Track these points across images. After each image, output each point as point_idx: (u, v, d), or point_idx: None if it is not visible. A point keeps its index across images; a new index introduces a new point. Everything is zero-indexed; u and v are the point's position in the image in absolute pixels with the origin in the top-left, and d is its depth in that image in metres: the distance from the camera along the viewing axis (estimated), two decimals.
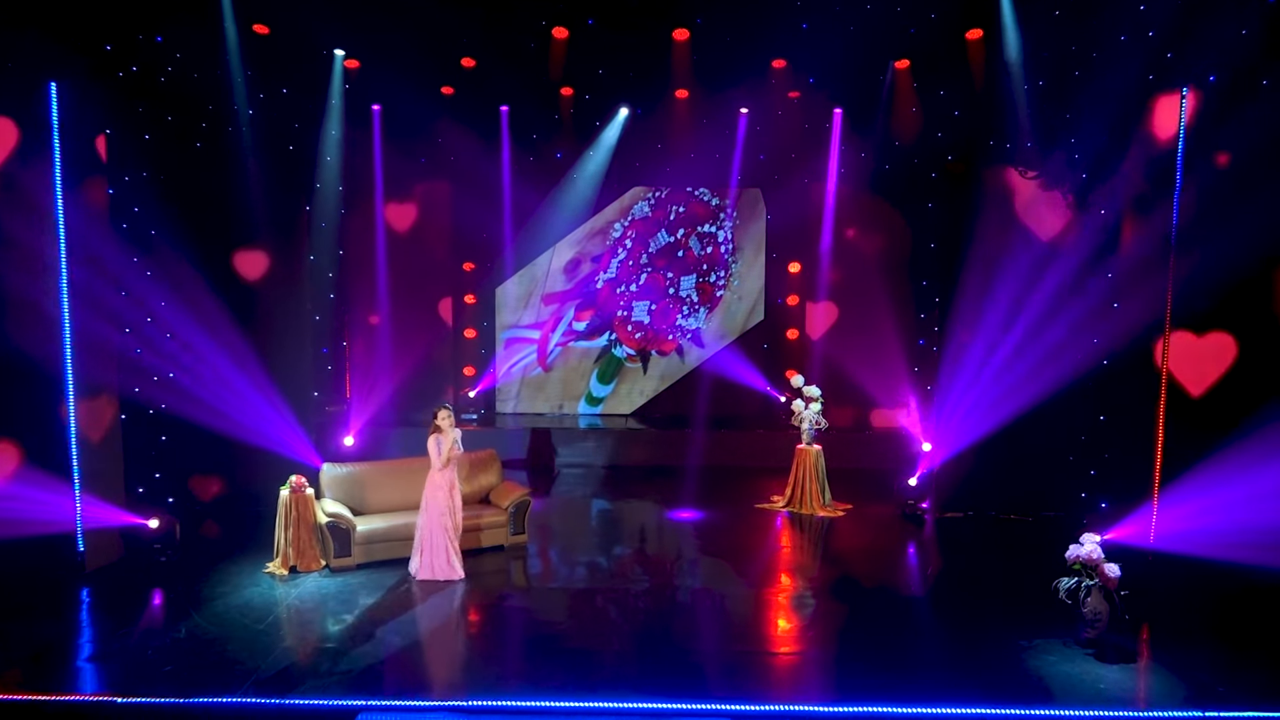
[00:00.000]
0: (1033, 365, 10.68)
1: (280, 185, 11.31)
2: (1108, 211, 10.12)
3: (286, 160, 11.47)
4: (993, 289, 10.54)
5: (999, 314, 10.58)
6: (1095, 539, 7.59)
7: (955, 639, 7.81)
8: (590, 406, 15.24)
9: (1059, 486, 10.85)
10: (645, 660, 7.29)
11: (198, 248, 10.19)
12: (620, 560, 9.83)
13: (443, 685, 6.98)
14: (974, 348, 10.75)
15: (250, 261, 11.22)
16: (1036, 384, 10.65)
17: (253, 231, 11.03)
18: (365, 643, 7.58)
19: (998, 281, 10.48)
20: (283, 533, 9.15)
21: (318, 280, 11.99)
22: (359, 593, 8.70)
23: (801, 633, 8.05)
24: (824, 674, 7.33)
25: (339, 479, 9.81)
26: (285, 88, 11.29)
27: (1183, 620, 8.13)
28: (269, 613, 8.17)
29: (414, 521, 9.58)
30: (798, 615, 8.40)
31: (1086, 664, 7.26)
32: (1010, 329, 10.55)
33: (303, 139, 11.79)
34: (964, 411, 11.10)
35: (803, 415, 11.77)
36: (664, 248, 15.08)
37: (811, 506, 11.57)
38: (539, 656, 7.41)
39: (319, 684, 6.75)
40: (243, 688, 6.65)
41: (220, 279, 10.58)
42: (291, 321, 11.65)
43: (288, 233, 11.68)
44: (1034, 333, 10.61)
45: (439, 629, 8.07)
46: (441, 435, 8.91)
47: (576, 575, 9.53)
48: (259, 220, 10.98)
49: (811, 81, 13.44)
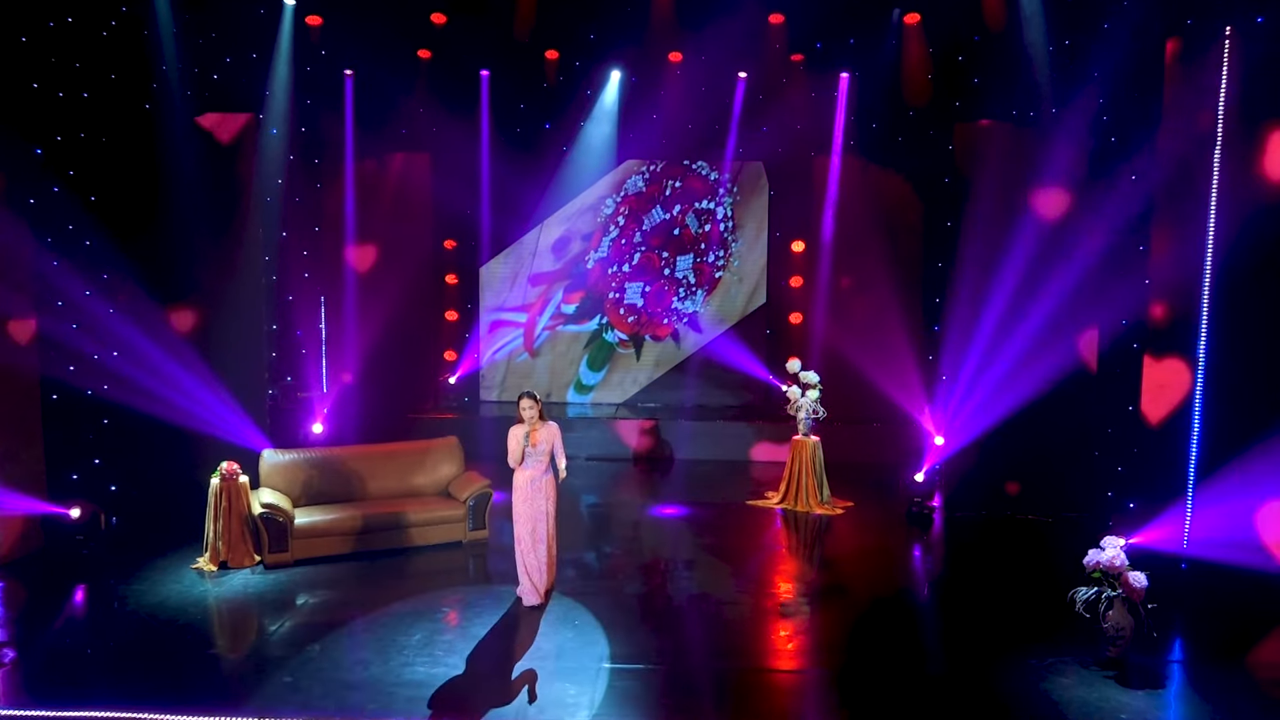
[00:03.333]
0: (1053, 351, 9.64)
1: (215, 154, 10.50)
2: (1139, 177, 9.05)
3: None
4: (1009, 262, 9.51)
5: (1015, 291, 9.55)
6: (1118, 543, 6.54)
7: (958, 656, 6.80)
8: (580, 395, 14.31)
9: (1082, 484, 9.81)
10: (596, 680, 6.35)
11: (119, 228, 9.48)
12: (582, 563, 8.86)
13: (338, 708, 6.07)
14: (987, 328, 9.71)
15: (183, 239, 10.43)
16: (1057, 370, 9.62)
17: (186, 208, 10.21)
18: (280, 656, 6.71)
19: (1013, 254, 9.44)
20: (212, 525, 8.31)
21: (255, 259, 11.04)
22: (290, 593, 7.83)
23: (773, 649, 7.06)
24: (799, 697, 6.35)
25: (280, 467, 8.96)
26: (216, 34, 10.40)
27: (1220, 639, 7.07)
28: (181, 615, 7.33)
29: (363, 514, 8.76)
30: (773, 628, 7.41)
31: (1106, 688, 6.24)
32: (1027, 308, 9.50)
33: (245, 98, 10.87)
34: (977, 401, 10.07)
35: (799, 403, 10.76)
36: (659, 225, 14.11)
37: (808, 504, 10.55)
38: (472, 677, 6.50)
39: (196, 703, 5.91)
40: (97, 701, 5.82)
41: (149, 258, 9.85)
42: (231, 300, 10.78)
43: (227, 207, 10.84)
44: (1054, 314, 9.57)
45: (350, 641, 7.13)
46: (523, 427, 7.39)
47: None
48: (193, 193, 10.13)
49: (819, 46, 12.48)
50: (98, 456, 9.77)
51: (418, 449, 9.69)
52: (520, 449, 7.38)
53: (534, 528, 7.45)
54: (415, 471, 9.47)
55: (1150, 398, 8.83)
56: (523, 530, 7.49)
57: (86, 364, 9.37)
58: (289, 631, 7.09)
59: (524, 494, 7.47)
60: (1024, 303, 9.53)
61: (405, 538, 8.89)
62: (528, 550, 7.47)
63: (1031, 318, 9.71)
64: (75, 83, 9.21)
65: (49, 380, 8.92)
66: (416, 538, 8.93)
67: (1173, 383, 8.53)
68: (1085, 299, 9.25)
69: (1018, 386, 9.74)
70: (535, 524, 7.45)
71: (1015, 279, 9.46)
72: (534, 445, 7.36)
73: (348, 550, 8.63)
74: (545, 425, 7.47)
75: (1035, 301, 9.61)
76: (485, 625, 7.19)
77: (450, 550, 9.02)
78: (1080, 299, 9.29)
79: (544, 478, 7.48)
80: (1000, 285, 9.62)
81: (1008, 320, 9.66)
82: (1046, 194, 9.69)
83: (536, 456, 7.43)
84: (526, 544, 7.47)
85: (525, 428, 7.36)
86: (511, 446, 7.41)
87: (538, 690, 6.13)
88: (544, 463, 7.48)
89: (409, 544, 8.90)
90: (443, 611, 7.49)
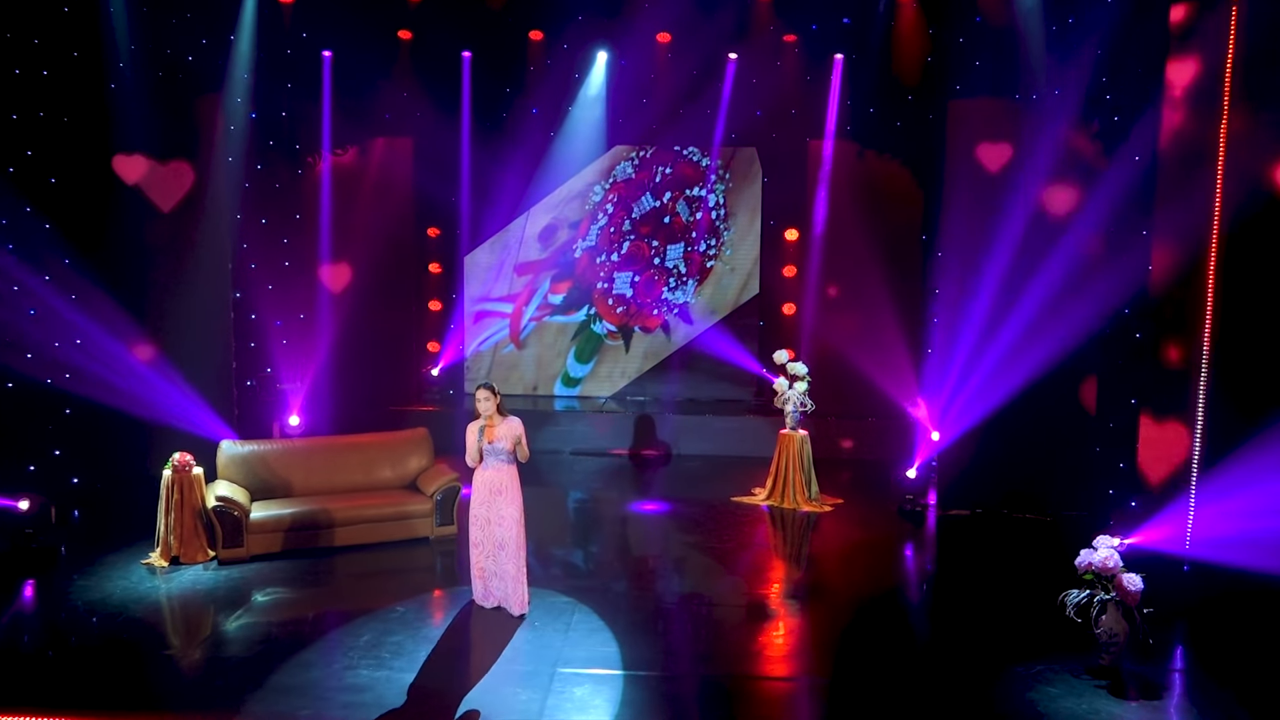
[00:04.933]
0: (1051, 338, 9.16)
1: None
2: (1141, 157, 8.57)
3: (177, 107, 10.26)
4: (1006, 247, 9.05)
5: (1011, 276, 9.09)
6: (1111, 542, 6.09)
7: (938, 664, 6.37)
8: (567, 388, 13.89)
9: (1083, 480, 9.32)
10: (550, 686, 5.95)
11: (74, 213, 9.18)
12: (549, 561, 8.44)
13: None
14: (981, 318, 9.25)
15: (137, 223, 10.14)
16: (1055, 361, 9.14)
17: None
18: (217, 656, 6.35)
19: (1008, 238, 8.98)
20: (164, 518, 7.95)
21: (216, 246, 10.64)
22: (240, 590, 7.46)
23: (745, 654, 6.64)
24: (764, 704, 5.93)
25: (238, 459, 8.59)
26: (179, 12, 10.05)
27: (1223, 647, 6.60)
28: (122, 611, 6.97)
29: (325, 508, 8.38)
30: (748, 633, 7.00)
31: (1097, 699, 5.80)
32: (1024, 296, 9.04)
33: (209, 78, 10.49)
34: (972, 393, 9.60)
35: (787, 395, 10.32)
36: (649, 213, 13.67)
37: (795, 500, 10.11)
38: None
39: None
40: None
41: (106, 243, 9.59)
42: (189, 288, 10.41)
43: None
44: (1052, 301, 9.09)
45: (294, 641, 6.73)
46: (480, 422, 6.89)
47: None
48: None
49: (815, 28, 12.05)
50: (58, 448, 9.49)
51: (385, 441, 9.31)
52: (477, 445, 6.92)
53: (492, 533, 6.93)
54: (382, 464, 9.10)
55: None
56: (479, 534, 6.96)
57: (44, 353, 9.09)
58: (232, 631, 6.73)
59: (480, 496, 6.94)
60: (1021, 289, 9.06)
61: (369, 533, 8.51)
62: (484, 555, 6.96)
63: (1027, 305, 9.25)
64: (33, 61, 8.92)
65: (2, 368, 8.62)
66: (381, 533, 8.56)
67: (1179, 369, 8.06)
68: (1084, 284, 8.77)
69: (1014, 379, 9.26)
70: (494, 528, 6.91)
71: (1012, 264, 8.99)
72: (490, 441, 6.88)
73: (307, 546, 8.26)
74: (505, 420, 6.93)
75: (1032, 288, 9.15)
76: (439, 627, 6.81)
77: (416, 547, 8.64)
78: (1079, 283, 8.81)
79: (505, 479, 6.92)
80: (997, 271, 9.16)
81: (1004, 309, 9.19)
82: (1045, 174, 9.22)
83: (496, 454, 6.90)
84: (484, 549, 6.95)
85: (481, 422, 6.91)
86: (468, 442, 6.93)
87: (486, 694, 5.74)
88: (505, 462, 6.95)
89: (373, 540, 8.52)
90: (397, 611, 7.08)
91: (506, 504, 6.91)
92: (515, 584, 6.92)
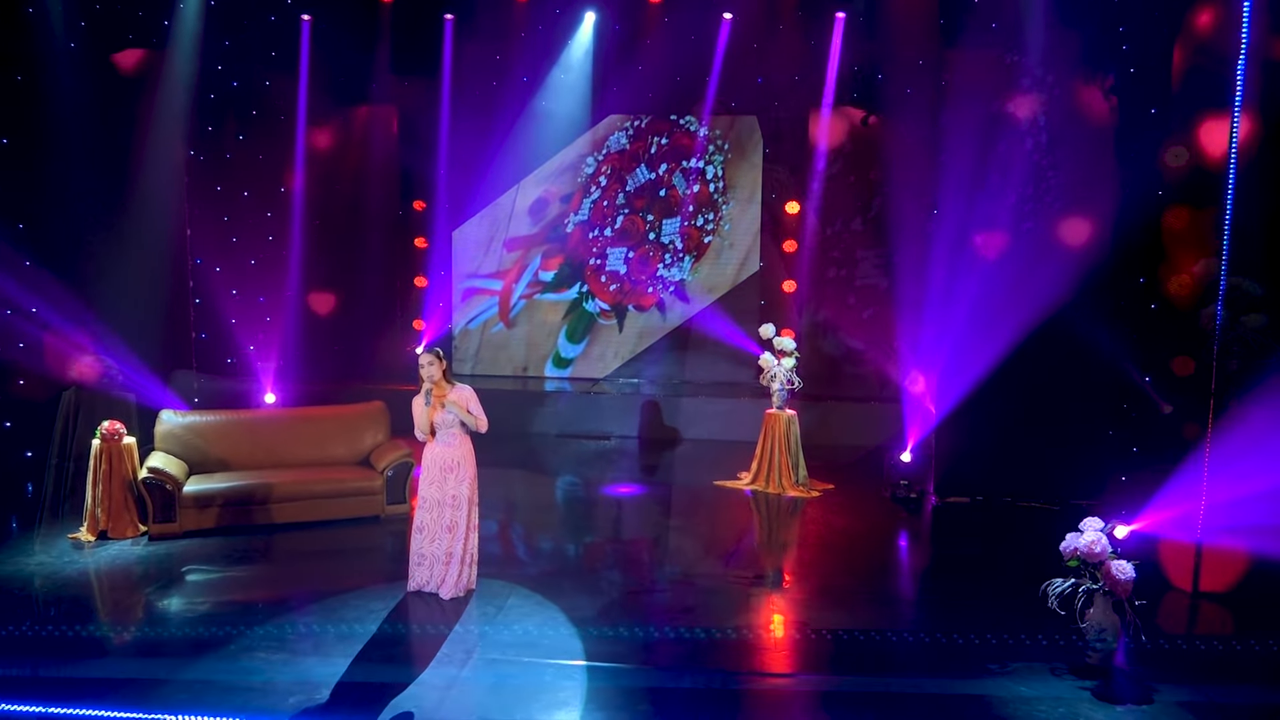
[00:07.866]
0: (1058, 312, 8.38)
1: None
2: (1157, 110, 7.78)
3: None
4: (1005, 204, 8.31)
5: (1011, 239, 8.34)
6: (1099, 525, 5.36)
7: (909, 664, 5.67)
8: (559, 369, 13.31)
9: (1093, 466, 8.53)
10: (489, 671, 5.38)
11: None
12: (507, 539, 7.85)
13: None
14: (974, 289, 8.51)
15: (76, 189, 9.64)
16: (1064, 337, 8.36)
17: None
18: (130, 640, 5.87)
19: (1010, 195, 8.23)
20: (91, 490, 7.52)
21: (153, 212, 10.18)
22: (167, 569, 6.99)
23: (687, 648, 6.00)
24: (715, 701, 5.29)
25: (177, 430, 8.14)
26: None
27: (1229, 644, 5.82)
28: (28, 588, 6.54)
29: (265, 482, 7.90)
30: (692, 617, 6.35)
31: (1079, 703, 5.07)
32: (1023, 260, 8.28)
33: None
34: (971, 369, 8.83)
35: (774, 372, 9.64)
36: (643, 186, 13.03)
37: (781, 484, 9.43)
38: None
39: None
40: None
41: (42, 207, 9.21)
42: (133, 256, 9.97)
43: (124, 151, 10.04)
44: (1055, 279, 8.32)
45: (220, 629, 6.19)
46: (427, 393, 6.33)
47: None
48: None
49: None
50: (8, 420, 9.16)
51: (338, 414, 8.84)
52: (426, 417, 6.35)
53: (442, 515, 6.36)
54: (334, 439, 8.60)
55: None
56: (425, 517, 6.38)
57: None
58: (150, 614, 6.24)
59: (430, 475, 6.38)
60: (1021, 252, 8.32)
61: (313, 510, 8.00)
62: (430, 538, 6.38)
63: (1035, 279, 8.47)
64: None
65: None
66: (326, 510, 8.04)
67: None
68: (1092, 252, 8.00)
69: (1018, 358, 8.49)
70: (445, 510, 6.35)
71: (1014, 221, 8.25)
72: (436, 411, 6.29)
73: (246, 522, 7.78)
74: (455, 388, 6.38)
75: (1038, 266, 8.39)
76: (379, 616, 6.17)
77: (365, 526, 8.11)
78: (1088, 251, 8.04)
79: (458, 454, 6.36)
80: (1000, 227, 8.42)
81: (1003, 274, 8.44)
82: (1050, 131, 8.46)
83: (446, 428, 6.35)
84: (430, 531, 6.37)
85: (427, 386, 6.29)
86: (415, 414, 6.37)
87: (423, 686, 5.19)
88: (456, 438, 6.39)
89: (319, 517, 8.01)
90: (337, 595, 6.53)
91: (458, 482, 6.36)
92: (456, 565, 6.37)
